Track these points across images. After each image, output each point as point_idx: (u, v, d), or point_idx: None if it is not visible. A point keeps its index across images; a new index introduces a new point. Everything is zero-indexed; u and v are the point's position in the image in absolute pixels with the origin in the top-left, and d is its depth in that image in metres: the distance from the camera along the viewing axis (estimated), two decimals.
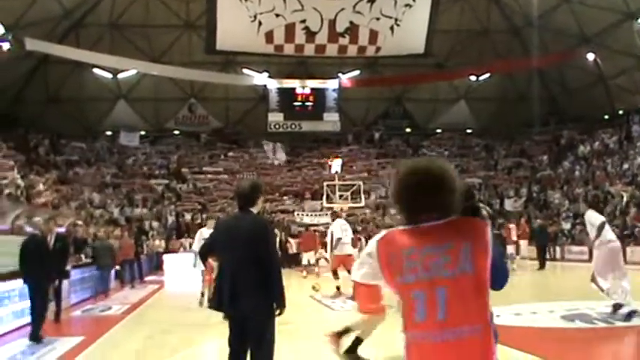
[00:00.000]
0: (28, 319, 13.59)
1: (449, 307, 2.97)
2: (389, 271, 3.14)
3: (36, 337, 11.53)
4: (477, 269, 3.00)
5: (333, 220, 18.93)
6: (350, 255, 17.92)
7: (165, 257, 35.55)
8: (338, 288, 18.32)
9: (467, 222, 3.18)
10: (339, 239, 17.26)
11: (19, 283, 13.60)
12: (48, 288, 12.18)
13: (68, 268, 16.11)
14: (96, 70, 46.45)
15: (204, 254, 7.26)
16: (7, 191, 23.23)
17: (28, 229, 16.61)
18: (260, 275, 6.08)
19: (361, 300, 9.25)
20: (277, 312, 6.21)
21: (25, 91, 45.28)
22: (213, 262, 7.08)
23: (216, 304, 6.38)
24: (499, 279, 3.15)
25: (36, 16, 37.86)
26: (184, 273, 31.46)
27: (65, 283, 16.15)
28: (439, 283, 2.99)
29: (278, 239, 29.23)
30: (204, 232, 16.21)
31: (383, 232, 3.39)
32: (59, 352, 10.60)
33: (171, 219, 42.60)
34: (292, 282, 23.47)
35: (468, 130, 53.35)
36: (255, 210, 6.43)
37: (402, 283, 3.08)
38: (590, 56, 43.60)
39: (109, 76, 47.28)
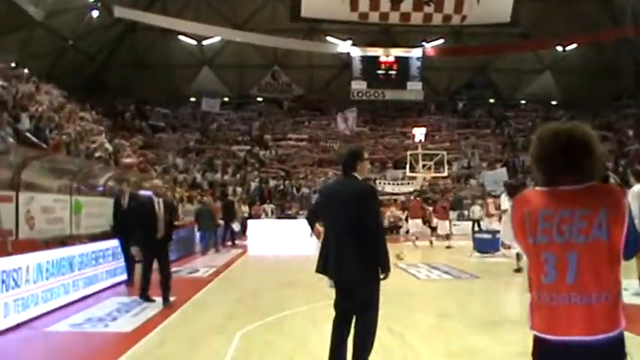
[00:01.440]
0: (120, 277, 13.98)
1: (579, 272, 2.98)
2: (521, 230, 3.16)
3: (145, 296, 11.67)
4: (611, 237, 2.98)
5: None
6: None
7: (250, 222, 36.17)
8: None
9: (605, 189, 3.13)
10: None
11: (111, 243, 13.96)
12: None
13: None
14: (181, 37, 47.00)
15: (311, 220, 7.24)
16: (97, 154, 23.73)
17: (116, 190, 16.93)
18: (364, 239, 6.04)
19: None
20: (382, 276, 6.19)
21: (112, 57, 46.25)
22: (320, 228, 7.04)
23: (322, 268, 6.40)
24: (630, 249, 3.07)
25: None
26: (267, 238, 32.02)
27: None
28: (571, 248, 3.00)
29: None
30: None
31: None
32: (153, 310, 10.82)
33: (254, 185, 42.96)
34: None
35: (553, 102, 52.27)
36: (359, 176, 6.36)
37: (534, 243, 3.10)
38: None
39: (194, 42, 47.83)
